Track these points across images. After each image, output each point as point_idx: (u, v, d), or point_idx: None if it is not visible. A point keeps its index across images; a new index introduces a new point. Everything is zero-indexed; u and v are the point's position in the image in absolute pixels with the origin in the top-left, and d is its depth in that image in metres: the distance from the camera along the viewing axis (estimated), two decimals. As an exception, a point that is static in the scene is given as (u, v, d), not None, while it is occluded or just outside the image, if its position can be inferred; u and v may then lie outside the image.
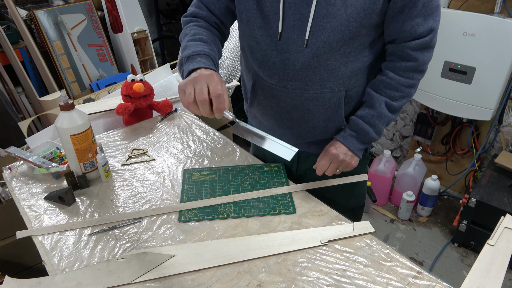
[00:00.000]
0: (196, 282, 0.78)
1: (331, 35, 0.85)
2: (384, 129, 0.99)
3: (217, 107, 0.79)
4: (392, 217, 2.31)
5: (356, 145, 0.97)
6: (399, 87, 0.94)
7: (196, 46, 0.89)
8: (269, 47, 0.92)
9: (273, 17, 0.89)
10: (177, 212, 0.97)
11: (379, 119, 0.95)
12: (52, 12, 2.22)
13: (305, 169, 1.13)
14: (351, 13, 0.81)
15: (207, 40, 0.92)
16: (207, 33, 0.95)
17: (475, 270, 0.78)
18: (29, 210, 1.00)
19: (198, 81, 0.79)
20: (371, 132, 0.96)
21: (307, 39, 0.87)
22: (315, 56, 0.88)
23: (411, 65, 0.91)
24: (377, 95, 0.95)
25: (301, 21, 0.86)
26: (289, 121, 1.02)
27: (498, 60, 1.78)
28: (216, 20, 1.00)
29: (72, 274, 0.80)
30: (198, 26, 0.96)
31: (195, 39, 0.91)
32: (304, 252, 0.85)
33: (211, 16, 0.99)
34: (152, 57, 2.54)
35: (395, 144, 2.66)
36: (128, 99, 1.38)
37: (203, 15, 0.98)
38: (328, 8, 0.82)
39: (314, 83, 0.92)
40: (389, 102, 0.94)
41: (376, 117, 0.95)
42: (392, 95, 0.94)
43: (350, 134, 0.97)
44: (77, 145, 1.02)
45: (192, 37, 0.92)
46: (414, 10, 0.84)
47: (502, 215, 0.92)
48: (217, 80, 0.80)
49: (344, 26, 0.83)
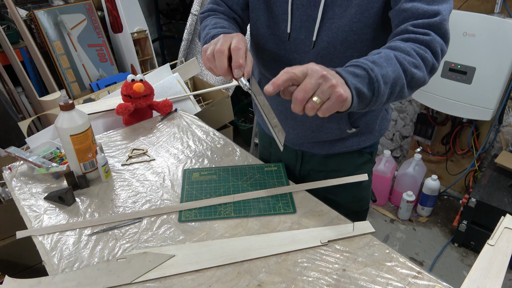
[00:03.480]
0: (196, 282, 0.78)
1: (335, 36, 0.85)
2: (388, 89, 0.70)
3: (235, 60, 0.74)
4: (392, 217, 2.31)
5: (353, 80, 0.67)
6: (410, 52, 0.73)
7: (218, 31, 0.86)
8: (277, 46, 0.93)
9: (281, 17, 0.89)
10: (177, 212, 0.97)
11: (388, 62, 0.70)
12: (52, 12, 2.22)
13: (309, 169, 1.13)
14: (355, 13, 0.81)
15: (229, 27, 0.90)
16: (228, 23, 0.92)
17: (475, 270, 0.78)
18: (29, 210, 1.00)
19: (220, 38, 0.77)
20: (376, 70, 0.68)
21: (314, 41, 0.87)
22: (319, 56, 0.89)
23: (422, 38, 0.74)
24: (383, 49, 0.75)
25: (308, 22, 0.86)
26: (293, 120, 1.02)
27: (498, 60, 1.78)
28: (235, 15, 0.98)
29: (72, 274, 0.80)
30: (218, 18, 0.94)
31: (217, 27, 0.88)
32: (304, 252, 0.85)
33: (230, 11, 0.98)
34: (152, 57, 2.54)
35: (395, 144, 2.66)
36: (128, 99, 1.38)
37: (222, 10, 0.97)
38: (334, 9, 0.82)
39: None
40: (400, 58, 0.71)
41: (383, 58, 0.70)
42: (403, 57, 0.72)
43: (349, 71, 0.68)
44: (77, 145, 1.02)
45: (213, 25, 0.89)
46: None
47: (502, 215, 0.92)
48: (240, 37, 0.76)
49: (347, 27, 0.83)
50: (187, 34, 2.56)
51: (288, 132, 1.06)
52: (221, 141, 1.28)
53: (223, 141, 1.29)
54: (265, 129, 1.17)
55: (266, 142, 1.22)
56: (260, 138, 1.26)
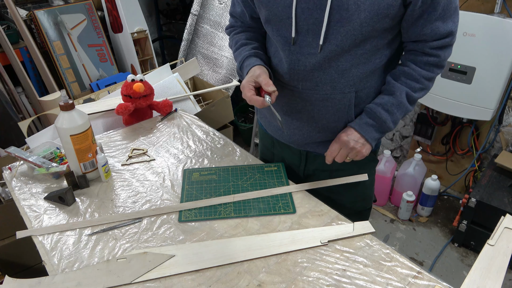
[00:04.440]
0: (196, 282, 0.78)
1: (344, 39, 0.85)
2: (400, 120, 0.97)
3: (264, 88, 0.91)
4: (392, 217, 2.31)
5: (371, 134, 0.95)
6: (420, 79, 0.93)
7: (240, 53, 1.03)
8: (283, 47, 0.94)
9: (286, 22, 0.90)
10: (177, 212, 0.97)
11: (398, 108, 0.94)
12: (52, 12, 2.22)
13: (313, 169, 1.13)
14: (365, 18, 0.81)
15: (246, 42, 1.05)
16: (245, 35, 1.08)
17: (475, 270, 0.78)
18: (29, 210, 1.00)
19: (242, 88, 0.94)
20: (389, 121, 0.94)
21: (321, 44, 0.87)
22: (326, 58, 0.89)
23: (432, 60, 0.91)
24: (398, 84, 0.93)
25: (315, 26, 0.86)
26: (299, 121, 1.02)
27: (498, 60, 1.78)
28: (250, 25, 1.09)
29: (72, 274, 0.80)
30: (237, 33, 1.11)
31: (238, 47, 1.06)
32: (304, 252, 0.85)
33: (243, 25, 1.11)
34: (152, 57, 2.54)
35: (395, 144, 2.66)
36: (128, 99, 1.38)
37: (238, 25, 1.11)
38: (341, 13, 0.82)
39: (324, 84, 0.93)
40: (409, 92, 0.93)
41: (395, 106, 0.93)
42: (413, 86, 0.93)
43: (366, 122, 0.95)
44: (77, 145, 1.02)
45: (235, 46, 1.07)
46: (433, 15, 0.84)
47: (502, 215, 0.92)
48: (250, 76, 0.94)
49: (357, 31, 0.84)
50: (187, 34, 2.56)
51: (293, 133, 1.06)
52: (221, 141, 1.28)
53: (223, 141, 1.29)
54: (268, 129, 1.17)
55: (268, 142, 1.21)
56: (262, 139, 1.26)
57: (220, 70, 2.41)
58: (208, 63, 2.47)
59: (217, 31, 2.43)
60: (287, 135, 1.08)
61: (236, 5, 1.09)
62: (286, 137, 1.09)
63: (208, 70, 2.47)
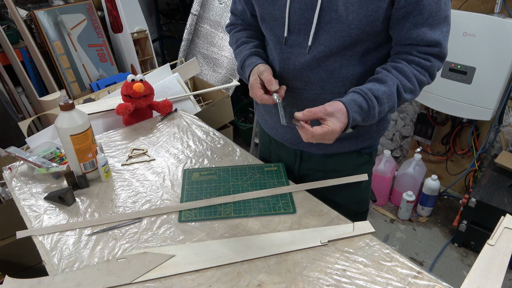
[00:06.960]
0: (196, 282, 0.78)
1: (331, 40, 0.86)
2: (378, 117, 0.86)
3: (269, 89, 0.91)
4: (392, 217, 2.31)
5: (354, 115, 0.82)
6: (411, 78, 0.86)
7: (241, 51, 1.03)
8: (275, 46, 0.96)
9: (279, 21, 0.91)
10: (177, 212, 0.97)
11: (388, 99, 0.84)
12: (52, 12, 2.22)
13: (308, 169, 1.13)
14: (353, 20, 0.82)
15: (246, 40, 1.06)
16: (245, 34, 1.08)
17: (475, 270, 0.78)
18: (29, 210, 1.00)
19: (251, 88, 0.95)
20: (376, 109, 0.83)
21: (310, 45, 0.88)
22: (315, 58, 0.90)
23: (424, 63, 0.86)
24: (391, 75, 0.85)
25: (306, 26, 0.87)
26: None
27: (498, 60, 1.78)
28: (251, 23, 1.10)
29: (72, 274, 0.80)
30: (237, 31, 1.11)
31: (238, 45, 1.06)
32: (304, 252, 0.85)
33: (244, 23, 1.11)
34: (152, 57, 2.54)
35: (395, 144, 2.66)
36: (128, 99, 1.38)
37: (239, 23, 1.12)
38: (331, 14, 0.83)
39: (313, 83, 0.93)
40: (400, 88, 0.85)
41: (387, 95, 0.84)
42: (404, 84, 0.86)
43: (357, 111, 0.82)
44: (77, 145, 1.02)
45: (236, 44, 1.07)
46: (419, 18, 0.81)
47: (502, 215, 0.92)
48: (255, 76, 0.94)
49: (345, 32, 0.84)
50: (187, 34, 2.56)
51: (286, 131, 1.07)
52: (221, 141, 1.28)
53: (223, 141, 1.29)
54: (264, 127, 1.17)
55: (266, 140, 1.22)
56: (261, 136, 1.27)
57: (220, 70, 2.41)
58: (208, 63, 2.47)
59: (217, 31, 2.43)
60: (281, 133, 1.08)
61: (237, 3, 1.09)
62: (280, 136, 1.10)
63: (208, 70, 2.47)
